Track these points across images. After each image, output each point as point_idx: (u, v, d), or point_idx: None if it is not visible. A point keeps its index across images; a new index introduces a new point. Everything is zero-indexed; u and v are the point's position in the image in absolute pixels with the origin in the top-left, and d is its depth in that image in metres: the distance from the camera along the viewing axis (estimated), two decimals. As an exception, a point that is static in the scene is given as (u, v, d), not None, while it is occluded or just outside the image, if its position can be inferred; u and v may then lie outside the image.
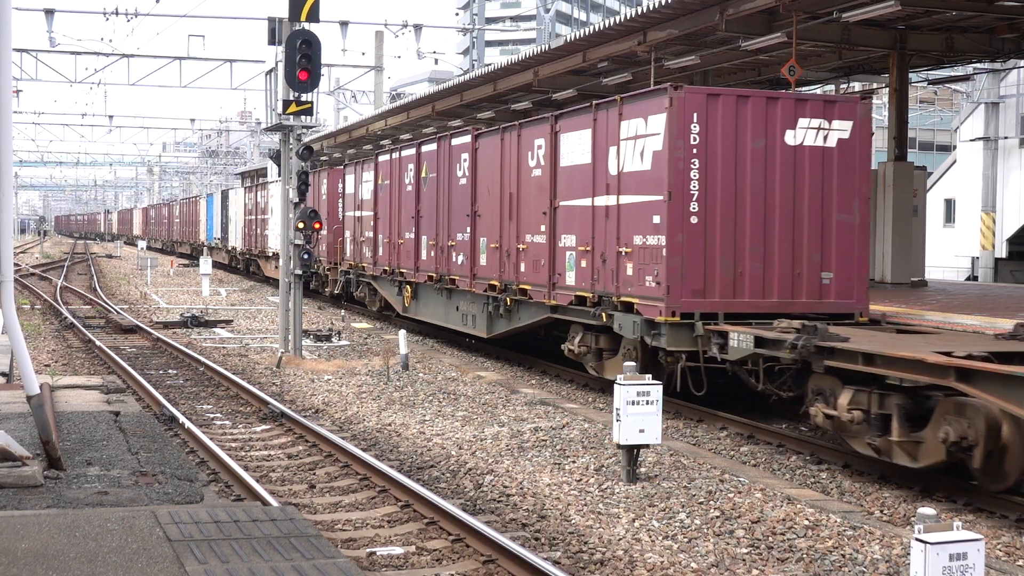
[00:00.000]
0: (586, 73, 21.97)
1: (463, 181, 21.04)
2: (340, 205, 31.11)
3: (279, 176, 22.71)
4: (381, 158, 26.49)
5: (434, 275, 22.56)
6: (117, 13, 36.80)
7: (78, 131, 70.97)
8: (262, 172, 55.29)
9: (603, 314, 15.53)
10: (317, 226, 21.27)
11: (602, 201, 15.81)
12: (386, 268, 25.94)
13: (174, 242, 73.73)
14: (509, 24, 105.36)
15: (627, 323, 15.04)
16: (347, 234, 30.22)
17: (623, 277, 15.23)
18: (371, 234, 27.30)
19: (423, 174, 23.35)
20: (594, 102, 16.07)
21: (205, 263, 38.82)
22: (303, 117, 20.69)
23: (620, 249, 15.25)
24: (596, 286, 16.01)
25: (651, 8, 16.79)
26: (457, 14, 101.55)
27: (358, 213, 28.78)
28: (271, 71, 21.56)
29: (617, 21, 18.09)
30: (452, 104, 27.65)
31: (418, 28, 38.83)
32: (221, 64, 40.94)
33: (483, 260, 20.23)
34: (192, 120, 69.93)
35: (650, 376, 11.32)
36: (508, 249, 18.94)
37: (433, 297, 22.99)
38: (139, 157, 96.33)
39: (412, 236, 23.93)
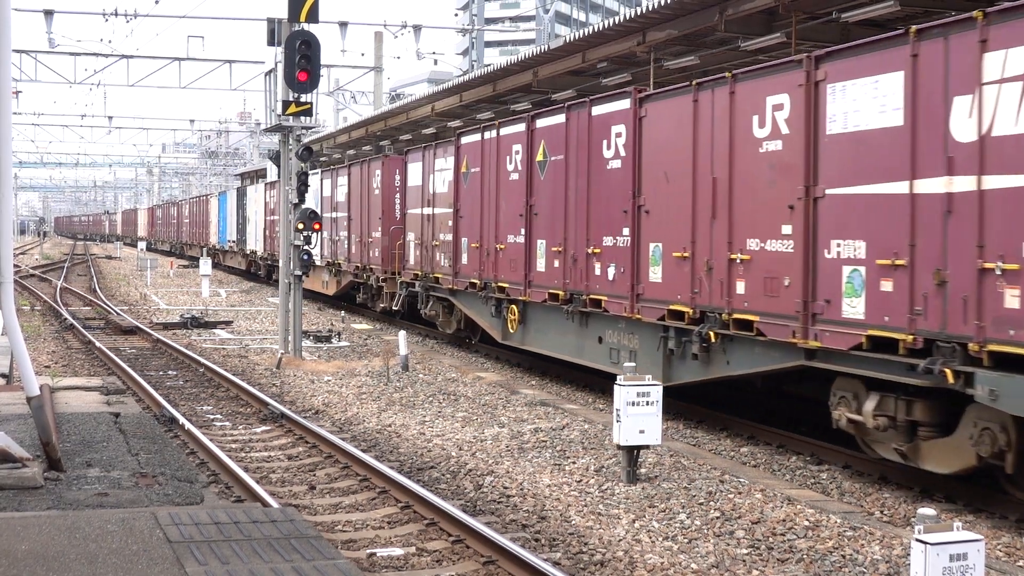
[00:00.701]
0: (586, 73, 21.94)
1: (615, 164, 15.63)
2: (399, 201, 26.16)
3: (278, 176, 22.69)
4: (466, 139, 21.17)
5: (560, 293, 17.13)
6: (116, 14, 36.79)
7: (77, 132, 71.01)
8: (261, 173, 55.11)
9: (946, 371, 9.88)
10: (316, 227, 21.32)
11: (934, 186, 10.13)
12: (474, 281, 20.53)
13: (183, 244, 69.64)
14: (508, 25, 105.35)
15: (1017, 391, 9.32)
16: (410, 236, 24.70)
17: (999, 312, 9.47)
18: (449, 236, 21.95)
19: (538, 156, 18.05)
20: (911, 28, 10.63)
21: (205, 264, 38.85)
22: (302, 118, 20.71)
23: (989, 265, 9.55)
24: (919, 323, 10.26)
25: (650, 8, 16.75)
26: (456, 15, 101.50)
27: (428, 210, 23.45)
28: (270, 72, 21.58)
29: (616, 22, 18.05)
30: (451, 104, 27.61)
31: (417, 29, 38.83)
32: (220, 65, 40.93)
33: (655, 275, 14.58)
34: (191, 121, 69.85)
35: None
36: (709, 260, 13.37)
37: (556, 323, 17.57)
38: (139, 158, 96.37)
39: (521, 240, 18.55)
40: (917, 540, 6.23)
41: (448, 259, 22.03)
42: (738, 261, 12.98)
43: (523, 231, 18.54)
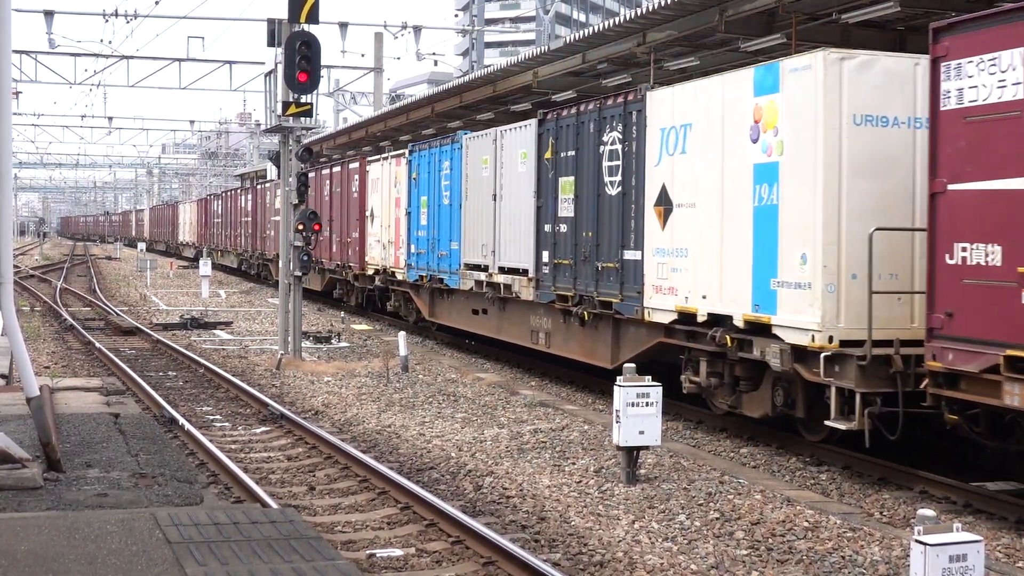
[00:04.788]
0: (585, 74, 21.93)
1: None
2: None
3: (279, 176, 22.64)
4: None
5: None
6: (116, 15, 36.78)
7: (77, 133, 71.07)
8: (261, 174, 54.99)
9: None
10: (316, 228, 21.27)
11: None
12: None
13: (258, 260, 42.40)
14: (508, 26, 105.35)
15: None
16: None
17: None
18: None
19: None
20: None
21: (204, 264, 38.69)
22: (302, 119, 20.68)
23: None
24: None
25: (650, 9, 16.76)
26: (456, 15, 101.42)
27: None
28: (270, 73, 21.56)
29: (616, 22, 18.04)
30: (451, 105, 27.60)
31: (417, 29, 38.83)
32: (220, 66, 40.91)
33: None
34: (192, 122, 69.91)
35: (650, 377, 11.29)
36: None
37: None
38: (138, 159, 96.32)
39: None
40: (917, 541, 6.23)
41: None
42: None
43: None
